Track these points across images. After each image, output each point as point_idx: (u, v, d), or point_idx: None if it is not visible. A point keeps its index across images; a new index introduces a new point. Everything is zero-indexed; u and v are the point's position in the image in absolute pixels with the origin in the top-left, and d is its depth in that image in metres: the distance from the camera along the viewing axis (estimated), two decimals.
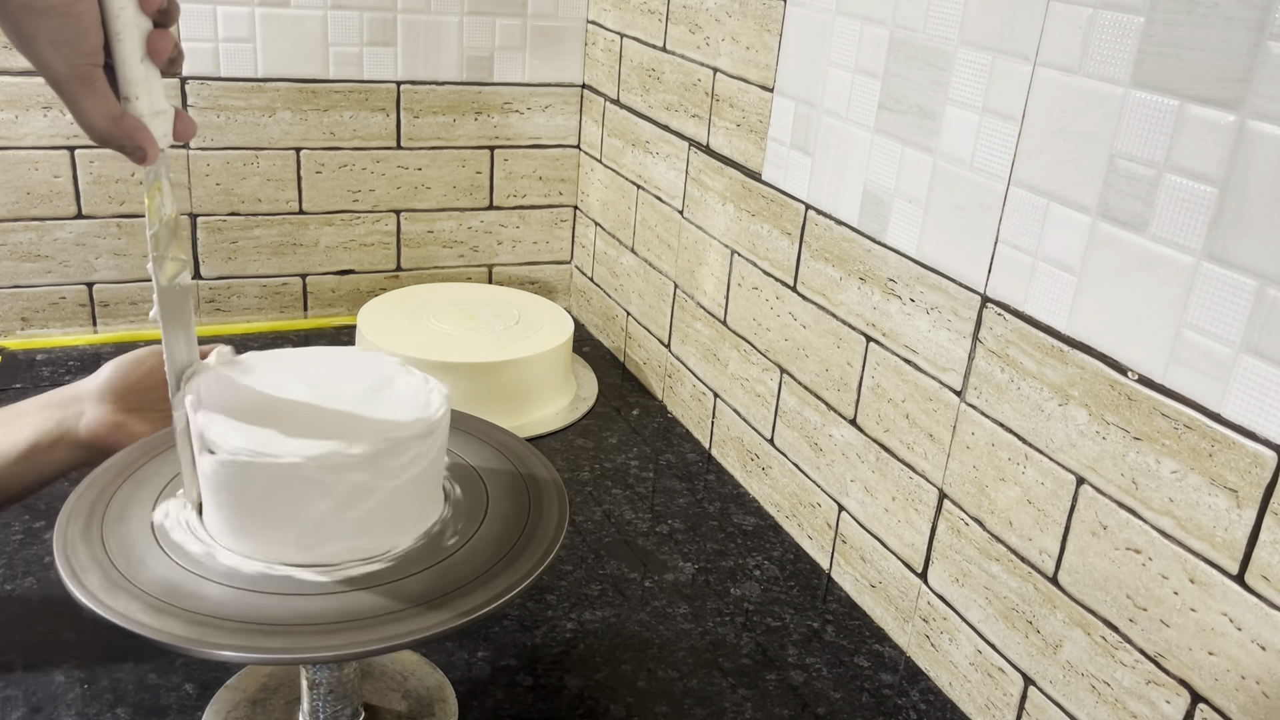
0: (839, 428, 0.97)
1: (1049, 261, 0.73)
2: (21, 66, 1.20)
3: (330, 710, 0.72)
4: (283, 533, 0.64)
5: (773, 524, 1.07)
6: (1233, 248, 0.61)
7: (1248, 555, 0.61)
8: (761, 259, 1.07)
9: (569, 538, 1.01)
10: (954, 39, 0.79)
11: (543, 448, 1.14)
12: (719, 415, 1.18)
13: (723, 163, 1.12)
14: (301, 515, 0.63)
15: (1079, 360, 0.71)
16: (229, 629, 0.59)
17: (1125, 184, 0.67)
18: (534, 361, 1.20)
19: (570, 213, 1.52)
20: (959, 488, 0.83)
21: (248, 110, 1.31)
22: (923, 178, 0.84)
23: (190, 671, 0.80)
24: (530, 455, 0.79)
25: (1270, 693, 0.61)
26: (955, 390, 0.83)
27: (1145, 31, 0.65)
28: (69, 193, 1.27)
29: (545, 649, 0.86)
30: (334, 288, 1.44)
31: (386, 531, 0.66)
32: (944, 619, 0.86)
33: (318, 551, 0.64)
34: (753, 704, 0.82)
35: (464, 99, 1.40)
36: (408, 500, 0.67)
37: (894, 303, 0.88)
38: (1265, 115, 0.58)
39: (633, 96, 1.31)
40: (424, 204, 1.43)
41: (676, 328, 1.26)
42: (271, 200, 1.36)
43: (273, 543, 0.64)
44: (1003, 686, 0.81)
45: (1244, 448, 0.61)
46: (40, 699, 0.77)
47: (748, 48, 1.06)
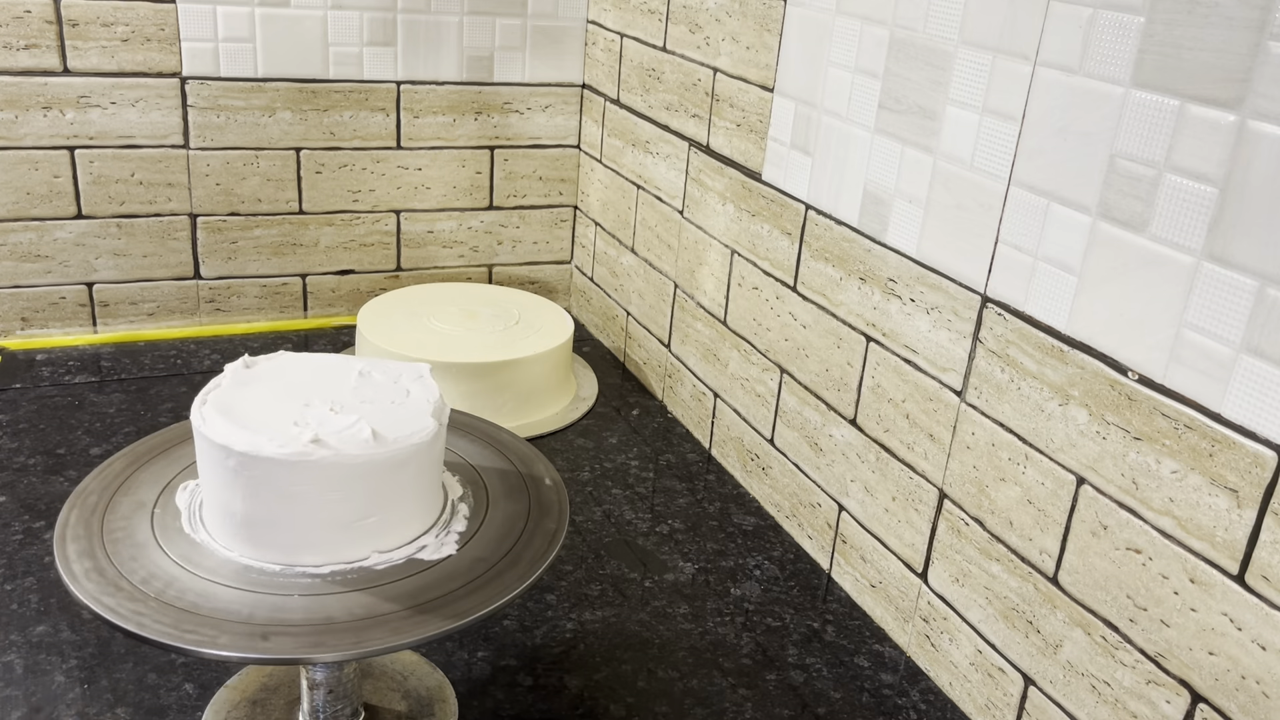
0: (839, 428, 0.97)
1: (1049, 261, 0.73)
2: (21, 66, 1.20)
3: (330, 710, 0.72)
4: (283, 533, 0.64)
5: (773, 524, 1.07)
6: (1233, 248, 0.61)
7: (1248, 555, 0.61)
8: (761, 259, 1.07)
9: (569, 538, 1.01)
10: (954, 39, 0.79)
11: (543, 448, 1.14)
12: (719, 415, 1.18)
13: (723, 163, 1.12)
14: (301, 516, 0.63)
15: (1079, 360, 0.71)
16: (229, 629, 0.59)
17: (1125, 184, 0.67)
18: (534, 361, 1.20)
19: (570, 213, 1.52)
20: (959, 488, 0.83)
21: (248, 110, 1.31)
22: (923, 178, 0.84)
23: (190, 671, 0.80)
24: (530, 455, 0.79)
25: (1270, 693, 0.61)
26: (955, 390, 0.83)
27: (1145, 31, 0.65)
28: (69, 193, 1.27)
29: (545, 649, 0.86)
30: (334, 288, 1.44)
31: (387, 532, 0.66)
32: (944, 619, 0.86)
33: (317, 552, 0.64)
34: (753, 704, 0.82)
35: (464, 99, 1.40)
36: (408, 501, 0.67)
37: (894, 303, 0.88)
38: (1265, 115, 0.58)
39: (633, 96, 1.31)
40: (424, 204, 1.43)
41: (676, 328, 1.26)
42: (271, 200, 1.36)
43: (273, 543, 0.64)
44: (1003, 686, 0.80)
45: (1244, 448, 0.61)
46: (40, 699, 0.77)
47: (748, 48, 1.06)
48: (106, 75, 1.24)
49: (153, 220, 1.32)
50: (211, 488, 0.65)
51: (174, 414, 1.16)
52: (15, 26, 1.19)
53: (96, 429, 1.12)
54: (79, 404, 1.16)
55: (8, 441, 1.08)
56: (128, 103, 1.25)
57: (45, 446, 1.08)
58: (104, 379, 1.23)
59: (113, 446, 1.08)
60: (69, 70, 1.22)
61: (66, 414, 1.14)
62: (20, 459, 1.06)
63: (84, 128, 1.25)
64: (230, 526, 0.65)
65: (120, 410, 1.16)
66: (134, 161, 1.28)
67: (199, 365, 1.29)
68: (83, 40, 1.22)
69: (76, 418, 1.14)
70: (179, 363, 1.29)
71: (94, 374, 1.24)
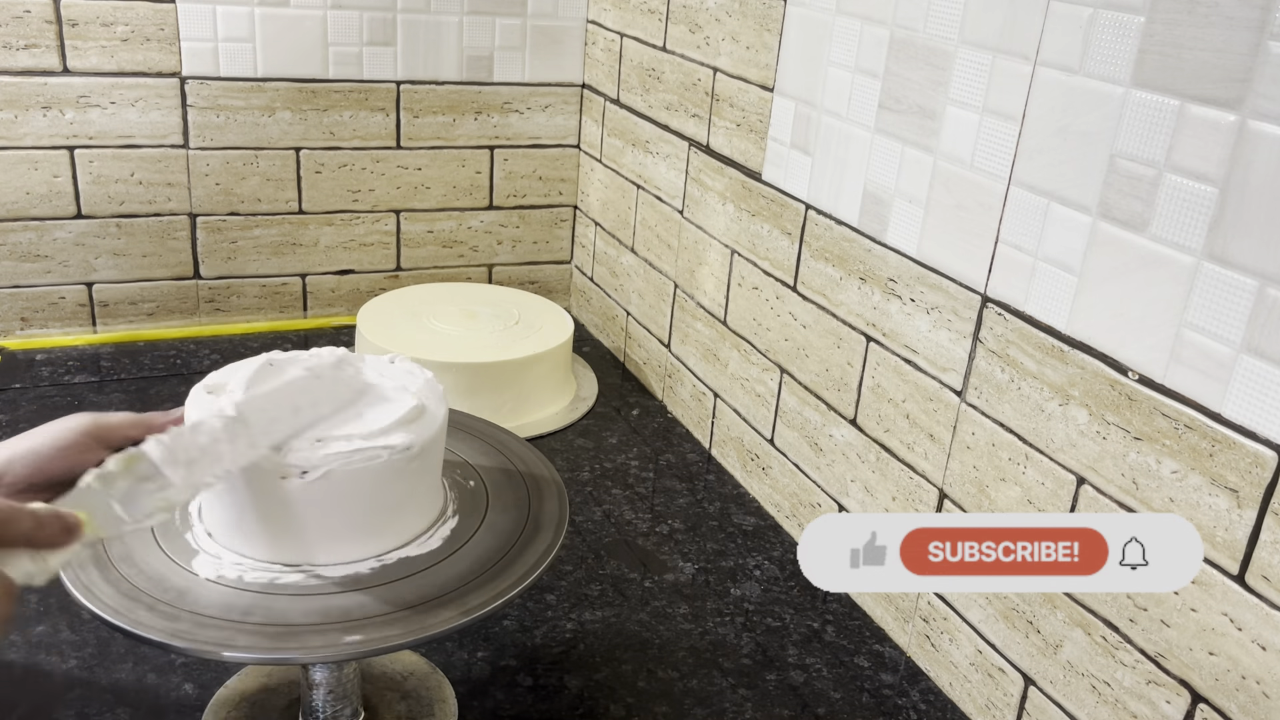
0: (839, 428, 0.97)
1: (1049, 261, 0.73)
2: (21, 66, 1.20)
3: (330, 710, 0.72)
4: (282, 534, 0.64)
5: (773, 524, 1.07)
6: (1233, 248, 0.61)
7: (1248, 555, 0.61)
8: (761, 259, 1.07)
9: (569, 538, 1.01)
10: (954, 39, 0.79)
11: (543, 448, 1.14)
12: (719, 415, 1.18)
13: (723, 162, 1.12)
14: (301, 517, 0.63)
15: (1079, 360, 0.71)
16: (229, 629, 0.59)
17: (1125, 184, 0.67)
18: (534, 361, 1.20)
19: (570, 213, 1.52)
20: (959, 488, 0.83)
21: (247, 110, 1.31)
22: (923, 178, 0.84)
23: (190, 671, 0.80)
24: (530, 455, 0.79)
25: (1270, 693, 0.61)
26: (955, 390, 0.83)
27: (1145, 31, 0.65)
28: (69, 193, 1.27)
29: (545, 649, 0.86)
30: (334, 288, 1.44)
31: (386, 532, 0.66)
32: (944, 619, 0.86)
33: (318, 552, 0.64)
34: (753, 704, 0.82)
35: (464, 99, 1.40)
36: (408, 501, 0.67)
37: (894, 303, 0.88)
38: (1265, 115, 0.58)
39: (633, 96, 1.31)
40: (424, 204, 1.43)
41: (676, 328, 1.26)
42: (271, 200, 1.36)
43: (272, 544, 0.64)
44: (1003, 686, 0.80)
45: (1244, 448, 0.61)
46: (40, 699, 0.77)
47: (748, 47, 1.06)
48: (106, 75, 1.24)
49: (152, 220, 1.32)
50: (212, 489, 0.65)
51: None
52: (15, 26, 1.19)
53: None
54: (79, 404, 1.16)
55: None
56: (127, 103, 1.25)
57: None
58: (104, 379, 1.23)
59: None
60: (69, 70, 1.22)
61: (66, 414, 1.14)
62: None
63: (84, 128, 1.25)
64: (230, 527, 0.65)
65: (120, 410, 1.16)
66: (134, 161, 1.28)
67: (198, 365, 1.29)
68: (82, 40, 1.22)
69: None
70: (179, 363, 1.29)
71: (94, 374, 1.24)
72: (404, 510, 0.67)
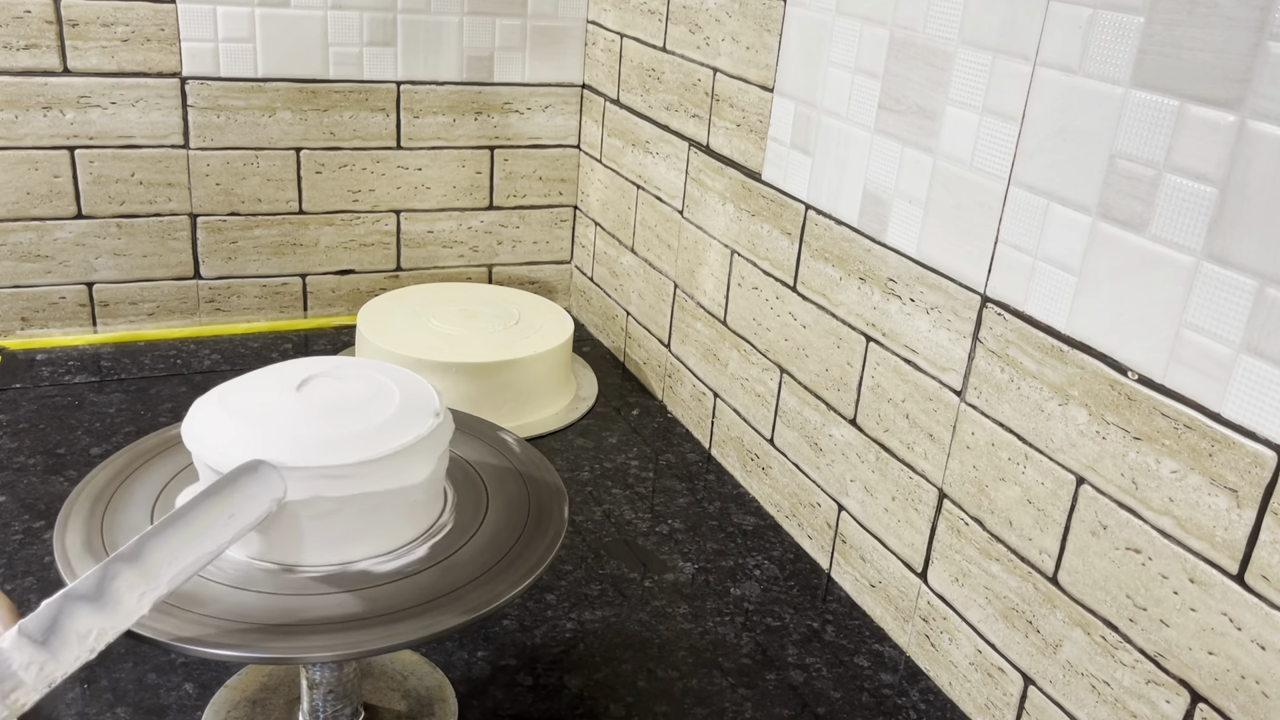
0: (839, 427, 0.97)
1: (1049, 261, 0.73)
2: (21, 66, 1.20)
3: (330, 710, 0.72)
4: (282, 534, 0.64)
5: (773, 524, 1.07)
6: (1233, 248, 0.61)
7: (1248, 555, 0.61)
8: (761, 259, 1.07)
9: (569, 538, 1.01)
10: (954, 39, 0.79)
11: (543, 448, 1.14)
12: (719, 415, 1.18)
13: (723, 163, 1.12)
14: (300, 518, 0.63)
15: (1079, 360, 0.71)
16: (229, 629, 0.59)
17: (1125, 184, 0.67)
18: (534, 361, 1.20)
19: (570, 213, 1.52)
20: (959, 487, 0.83)
21: (247, 110, 1.31)
22: (923, 178, 0.84)
23: (190, 671, 0.80)
24: (530, 455, 0.79)
25: (1270, 693, 0.61)
26: (955, 390, 0.83)
27: (1145, 31, 0.65)
28: (69, 193, 1.27)
29: (545, 649, 0.86)
30: (334, 288, 1.44)
31: (386, 532, 0.66)
32: (944, 619, 0.86)
33: (318, 552, 0.64)
34: (753, 704, 0.82)
35: (464, 99, 1.40)
36: (407, 502, 0.67)
37: (894, 303, 0.88)
38: (1265, 115, 0.58)
39: (633, 96, 1.31)
40: (424, 204, 1.43)
41: (676, 328, 1.26)
42: (271, 200, 1.36)
43: (272, 543, 0.64)
44: (1003, 686, 0.81)
45: (1244, 447, 0.61)
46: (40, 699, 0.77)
47: (748, 48, 1.06)
48: (106, 75, 1.24)
49: (153, 220, 1.32)
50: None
51: (174, 414, 1.16)
52: (15, 26, 1.19)
53: (96, 429, 1.12)
54: (79, 404, 1.16)
55: (8, 441, 1.08)
56: (128, 103, 1.25)
57: (45, 446, 1.08)
58: (104, 379, 1.23)
59: (113, 446, 1.08)
60: (69, 70, 1.22)
61: (66, 414, 1.14)
62: (20, 459, 1.06)
63: (84, 128, 1.25)
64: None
65: (120, 410, 1.16)
66: (134, 161, 1.28)
67: (199, 365, 1.29)
68: (83, 40, 1.22)
69: (76, 418, 1.14)
70: (179, 363, 1.29)
71: (94, 374, 1.24)
72: (404, 510, 0.67)
